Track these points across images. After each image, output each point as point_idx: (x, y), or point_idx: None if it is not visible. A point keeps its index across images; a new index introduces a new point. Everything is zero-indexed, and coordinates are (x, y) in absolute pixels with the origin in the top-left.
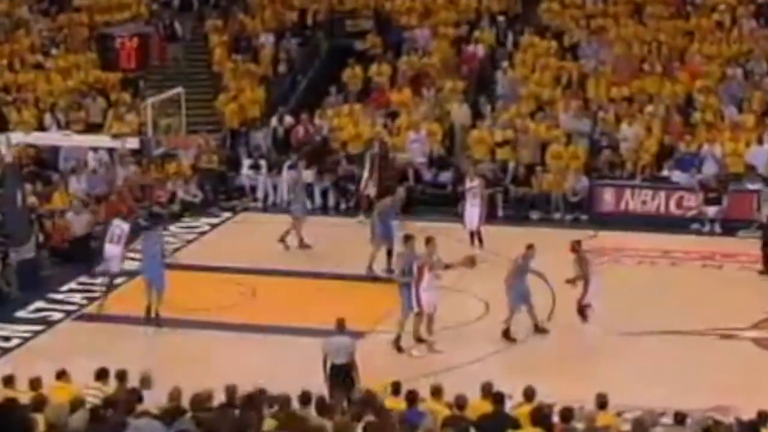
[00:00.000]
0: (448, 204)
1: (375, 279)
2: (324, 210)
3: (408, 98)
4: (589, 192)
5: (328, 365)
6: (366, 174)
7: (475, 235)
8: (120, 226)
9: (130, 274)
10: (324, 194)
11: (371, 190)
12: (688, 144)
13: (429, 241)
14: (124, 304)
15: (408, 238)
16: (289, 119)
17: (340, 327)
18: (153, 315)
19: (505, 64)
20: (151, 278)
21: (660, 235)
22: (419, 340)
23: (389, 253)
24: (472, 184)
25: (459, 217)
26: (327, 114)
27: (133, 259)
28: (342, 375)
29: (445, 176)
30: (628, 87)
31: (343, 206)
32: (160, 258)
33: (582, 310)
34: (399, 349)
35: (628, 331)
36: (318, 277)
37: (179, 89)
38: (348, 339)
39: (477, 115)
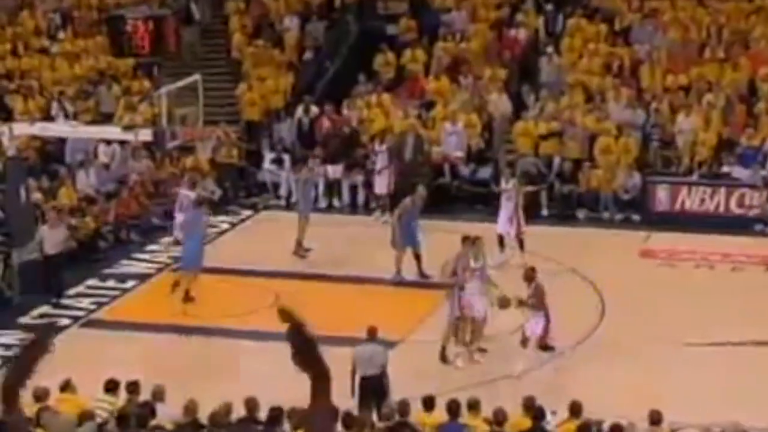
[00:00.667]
0: (487, 202)
1: (402, 285)
2: (353, 208)
3: (444, 87)
4: (641, 190)
5: (358, 376)
6: (378, 168)
7: (515, 241)
8: (187, 196)
9: (141, 277)
10: (353, 191)
11: (383, 187)
12: (750, 137)
13: (472, 241)
14: (135, 309)
15: (466, 240)
16: (315, 110)
17: (372, 335)
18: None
19: (550, 49)
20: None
21: (719, 236)
22: (465, 345)
23: (417, 257)
24: (507, 186)
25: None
26: (356, 104)
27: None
28: (372, 387)
29: (484, 172)
30: (685, 75)
31: (373, 204)
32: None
33: (546, 347)
34: (444, 359)
35: (682, 342)
36: (346, 282)
37: (196, 77)
38: (380, 348)
39: (519, 105)
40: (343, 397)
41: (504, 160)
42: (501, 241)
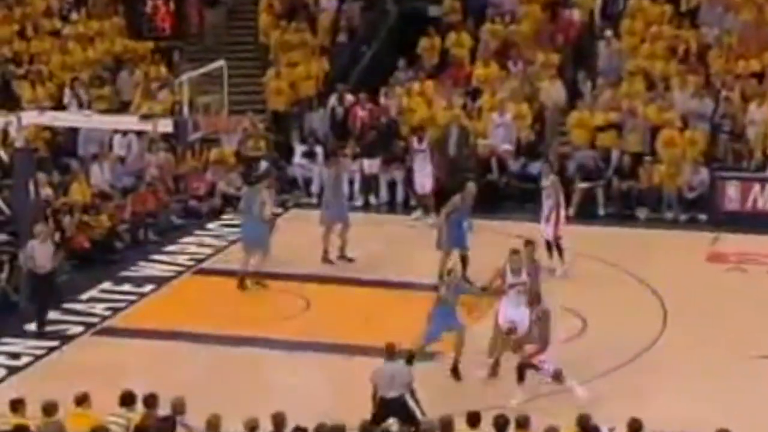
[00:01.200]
0: (538, 200)
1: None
2: (390, 206)
3: (492, 74)
4: (709, 187)
5: (378, 398)
6: (418, 166)
7: (552, 245)
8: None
9: (159, 281)
10: (391, 188)
11: (425, 186)
12: None
13: (514, 251)
14: (153, 316)
15: (528, 244)
16: (350, 98)
17: (390, 353)
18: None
19: (608, 32)
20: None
21: None
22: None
23: (464, 260)
24: (545, 183)
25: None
26: (395, 92)
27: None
28: (393, 411)
29: (535, 167)
30: (757, 60)
31: (413, 202)
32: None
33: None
34: (456, 375)
35: (753, 354)
36: (383, 287)
37: (221, 62)
38: (402, 367)
39: (574, 94)
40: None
41: (555, 154)
42: (550, 246)
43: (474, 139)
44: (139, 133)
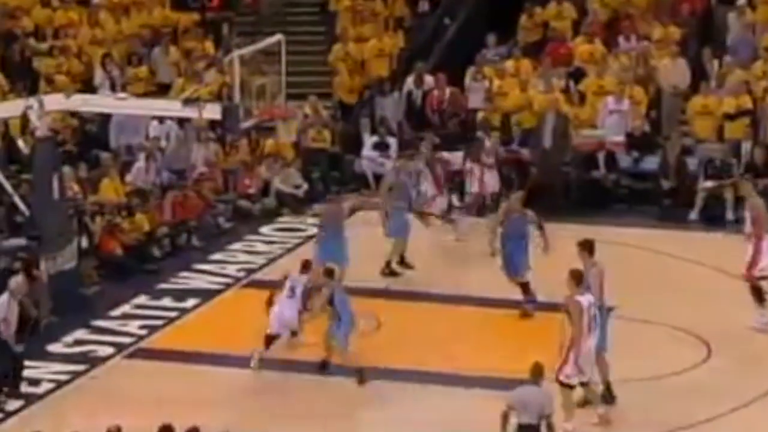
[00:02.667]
0: (655, 201)
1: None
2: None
3: (599, 51)
4: None
5: (513, 423)
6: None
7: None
8: None
9: (204, 295)
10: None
11: (484, 184)
12: None
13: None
14: (197, 336)
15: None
16: (429, 80)
17: (536, 376)
18: None
19: (740, 1)
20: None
21: None
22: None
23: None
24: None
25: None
26: (483, 73)
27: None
28: None
29: (650, 162)
30: None
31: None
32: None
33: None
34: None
35: None
36: (464, 303)
37: (278, 37)
38: (541, 393)
39: (698, 75)
40: None
41: (674, 148)
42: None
43: (574, 129)
44: (180, 121)
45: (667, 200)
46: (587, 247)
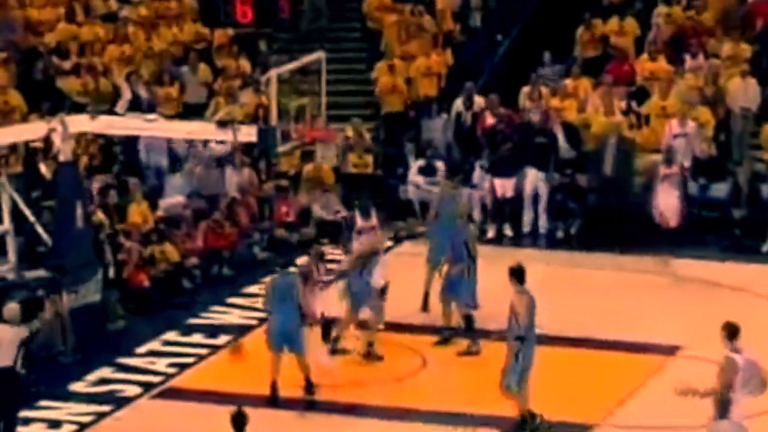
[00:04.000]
0: (723, 232)
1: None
2: (533, 238)
3: (662, 70)
4: None
5: None
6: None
7: None
8: None
9: (237, 331)
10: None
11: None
12: None
13: None
14: (230, 374)
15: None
16: (480, 101)
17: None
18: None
19: None
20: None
21: None
22: None
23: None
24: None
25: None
26: (539, 93)
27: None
28: None
29: (719, 189)
30: None
31: (560, 233)
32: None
33: None
34: None
35: None
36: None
37: (318, 54)
38: None
39: None
40: None
41: (745, 174)
42: None
43: (637, 153)
44: (204, 142)
45: (737, 230)
46: (517, 274)
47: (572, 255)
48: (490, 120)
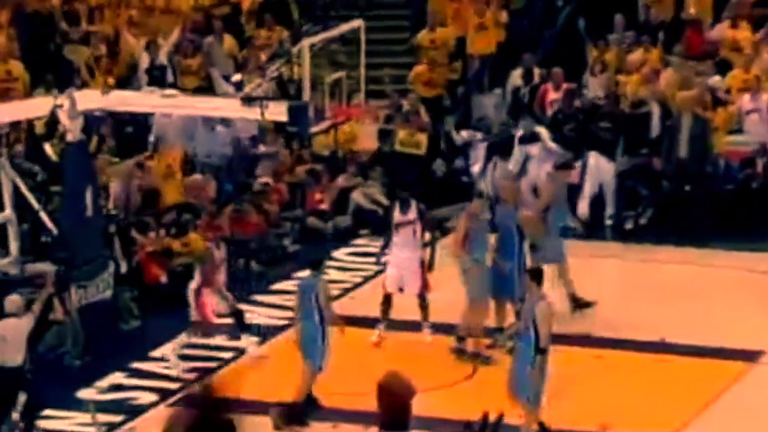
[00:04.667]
0: None
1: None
2: (598, 228)
3: (745, 39)
4: None
5: None
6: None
7: None
8: None
9: (262, 332)
10: (595, 204)
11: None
12: None
13: None
14: (256, 381)
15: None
16: (540, 73)
17: None
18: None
19: None
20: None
21: None
22: None
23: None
24: None
25: None
26: (605, 64)
27: None
28: None
29: None
30: None
31: (629, 224)
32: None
33: None
34: None
35: None
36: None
37: (357, 22)
38: None
39: None
40: None
41: None
42: None
43: (714, 134)
44: (225, 121)
45: None
46: (536, 276)
47: (642, 248)
48: (552, 95)
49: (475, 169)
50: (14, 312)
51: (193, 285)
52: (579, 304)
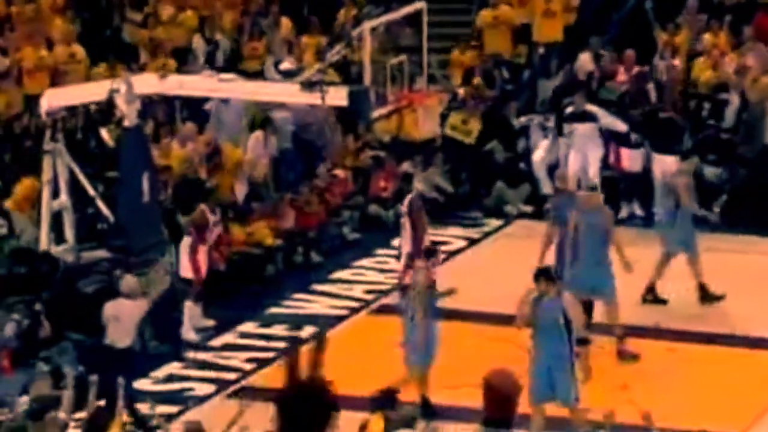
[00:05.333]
0: None
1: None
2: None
3: None
4: None
5: None
6: None
7: None
8: None
9: (322, 322)
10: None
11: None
12: None
13: None
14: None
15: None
16: (608, 57)
17: None
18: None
19: None
20: None
21: None
22: None
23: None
24: None
25: None
26: (674, 48)
27: None
28: None
29: None
30: None
31: (701, 211)
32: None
33: None
34: None
35: None
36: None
37: (420, 4)
38: None
39: None
40: None
41: None
42: None
43: None
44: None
45: None
46: (547, 275)
47: (715, 237)
48: (621, 77)
49: (536, 157)
50: (128, 294)
51: (187, 242)
52: (708, 296)
